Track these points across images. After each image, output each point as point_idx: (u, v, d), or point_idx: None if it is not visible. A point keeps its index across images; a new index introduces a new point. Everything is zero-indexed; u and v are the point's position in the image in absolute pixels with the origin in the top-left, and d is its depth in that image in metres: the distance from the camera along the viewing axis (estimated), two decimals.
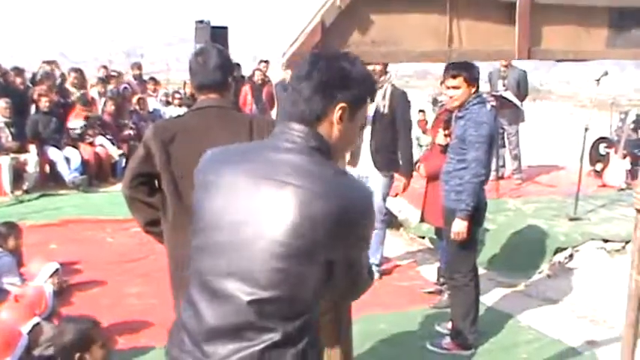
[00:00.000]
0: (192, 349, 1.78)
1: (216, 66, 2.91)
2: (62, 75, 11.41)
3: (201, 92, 2.97)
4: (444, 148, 4.59)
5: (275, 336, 1.68)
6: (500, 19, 2.81)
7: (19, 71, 10.27)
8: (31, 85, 10.43)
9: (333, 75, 1.78)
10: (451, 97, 4.26)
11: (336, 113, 1.78)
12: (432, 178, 5.00)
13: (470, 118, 4.20)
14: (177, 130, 2.89)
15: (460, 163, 4.26)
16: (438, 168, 4.75)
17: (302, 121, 1.78)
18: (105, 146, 10.10)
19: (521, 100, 9.40)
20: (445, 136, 4.64)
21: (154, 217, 3.00)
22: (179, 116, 3.18)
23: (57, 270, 4.80)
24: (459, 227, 4.18)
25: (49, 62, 11.62)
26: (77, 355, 3.06)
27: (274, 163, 1.75)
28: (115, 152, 10.16)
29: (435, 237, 5.50)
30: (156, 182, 2.96)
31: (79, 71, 11.09)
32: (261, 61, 12.00)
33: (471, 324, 4.39)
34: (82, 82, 10.95)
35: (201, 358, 1.74)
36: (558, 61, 3.54)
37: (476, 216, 4.26)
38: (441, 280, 5.39)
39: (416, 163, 5.14)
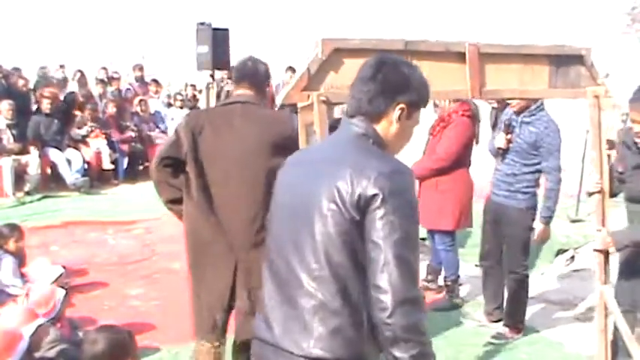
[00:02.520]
0: (260, 317, 2.00)
1: (261, 69, 3.42)
2: (65, 79, 11.46)
3: (239, 85, 3.41)
4: (504, 152, 4.59)
5: (319, 300, 1.83)
6: (454, 64, 3.24)
7: (19, 73, 10.30)
8: (31, 87, 10.45)
9: (396, 79, 1.98)
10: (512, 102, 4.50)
11: (396, 113, 1.98)
12: (424, 180, 5.05)
13: (547, 126, 4.39)
14: (206, 122, 3.27)
15: (526, 167, 4.48)
16: (427, 171, 5.00)
17: (363, 116, 1.99)
18: (101, 150, 10.08)
19: None
20: (507, 140, 4.58)
21: (176, 196, 3.34)
22: (211, 108, 3.74)
23: (61, 275, 4.79)
24: (545, 231, 4.57)
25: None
26: None
27: (329, 148, 2.04)
28: (107, 158, 10.09)
29: (425, 237, 5.56)
30: (181, 165, 3.29)
31: (81, 73, 11.14)
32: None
33: (523, 315, 4.74)
34: (84, 84, 10.99)
35: (265, 324, 1.95)
36: (508, 99, 4.00)
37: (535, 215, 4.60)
38: (429, 277, 5.57)
39: None
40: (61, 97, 10.42)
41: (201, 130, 3.23)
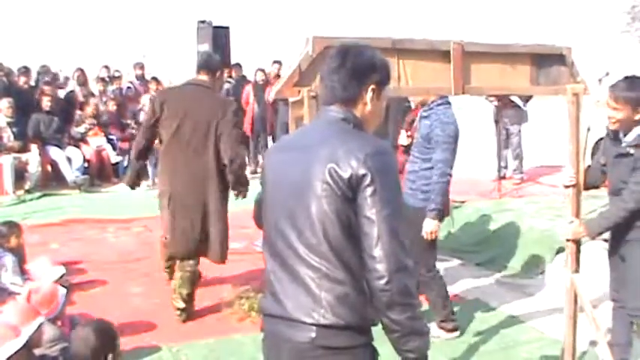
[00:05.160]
0: (267, 294, 2.13)
1: (211, 58, 5.06)
2: (66, 77, 11.47)
3: (197, 72, 4.82)
4: (407, 148, 4.70)
5: (322, 271, 1.97)
6: (438, 62, 3.39)
7: (26, 70, 10.27)
8: (33, 85, 10.43)
9: (363, 62, 2.12)
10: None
11: (369, 94, 2.12)
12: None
13: (437, 119, 4.36)
14: (169, 97, 4.80)
15: (425, 163, 4.40)
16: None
17: (340, 103, 2.11)
18: (104, 148, 10.11)
19: (527, 100, 9.38)
20: (408, 136, 4.75)
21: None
22: (171, 87, 5.27)
23: (62, 276, 4.79)
24: (432, 226, 4.36)
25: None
26: (110, 356, 3.01)
27: (314, 133, 2.13)
28: (113, 155, 10.16)
29: None
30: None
31: (80, 71, 11.12)
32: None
33: (450, 310, 4.61)
34: (84, 82, 10.97)
35: (274, 300, 2.07)
36: (490, 95, 4.18)
37: (440, 214, 4.43)
38: None
39: None
40: (62, 96, 10.45)
41: (163, 102, 4.70)
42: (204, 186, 4.65)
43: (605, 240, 6.09)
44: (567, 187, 3.75)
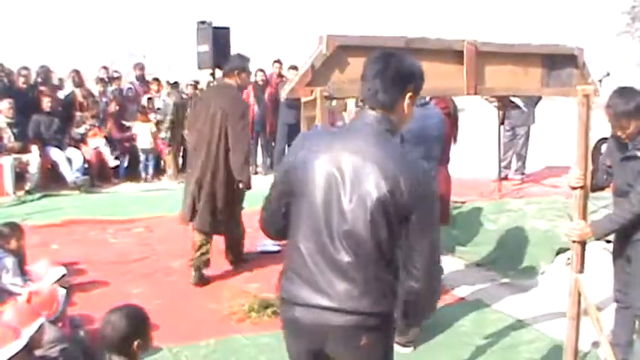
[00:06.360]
0: (308, 288, 2.22)
1: (231, 64, 5.68)
2: (60, 79, 11.48)
3: (225, 75, 5.68)
4: None
5: (367, 270, 2.17)
6: (452, 63, 3.40)
7: (26, 71, 10.26)
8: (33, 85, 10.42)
9: (405, 69, 2.25)
10: None
11: (407, 100, 2.25)
12: None
13: None
14: (201, 96, 5.95)
15: None
16: None
17: (379, 107, 2.22)
18: (101, 150, 10.11)
19: (536, 102, 9.40)
20: None
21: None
22: (206, 88, 6.80)
23: (63, 276, 4.78)
24: None
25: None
26: (136, 342, 2.75)
27: (359, 141, 2.20)
28: (110, 158, 10.16)
29: None
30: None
31: (76, 72, 11.12)
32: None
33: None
34: (79, 83, 10.96)
35: (318, 293, 2.20)
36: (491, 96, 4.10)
37: None
38: None
39: None
40: (61, 97, 10.44)
41: (196, 101, 6.17)
42: (213, 170, 5.44)
43: (608, 241, 6.13)
44: (574, 188, 3.73)
